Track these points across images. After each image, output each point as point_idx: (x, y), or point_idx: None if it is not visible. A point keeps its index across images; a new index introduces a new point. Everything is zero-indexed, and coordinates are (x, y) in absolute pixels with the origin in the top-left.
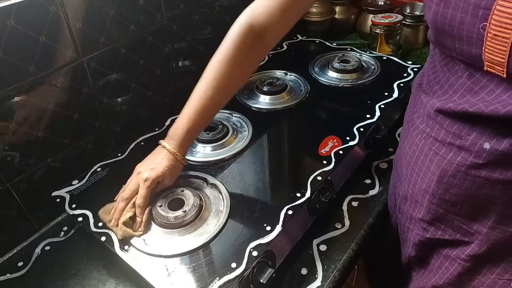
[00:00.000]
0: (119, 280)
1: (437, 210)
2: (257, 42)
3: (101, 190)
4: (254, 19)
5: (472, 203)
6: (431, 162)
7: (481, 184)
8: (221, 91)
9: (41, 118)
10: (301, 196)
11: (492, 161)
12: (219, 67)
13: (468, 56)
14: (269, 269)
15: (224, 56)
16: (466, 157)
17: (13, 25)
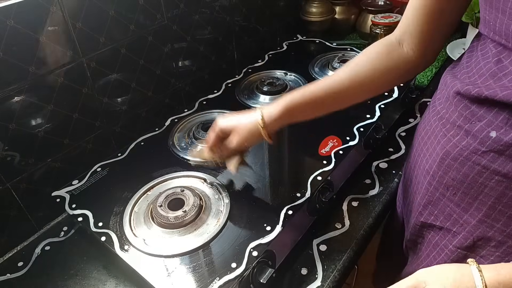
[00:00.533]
0: (119, 280)
1: (434, 193)
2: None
3: (101, 190)
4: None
5: (467, 191)
6: (438, 143)
7: (479, 172)
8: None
9: (41, 118)
10: (301, 196)
11: (495, 150)
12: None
13: (505, 33)
14: (269, 269)
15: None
16: (471, 142)
17: (13, 25)
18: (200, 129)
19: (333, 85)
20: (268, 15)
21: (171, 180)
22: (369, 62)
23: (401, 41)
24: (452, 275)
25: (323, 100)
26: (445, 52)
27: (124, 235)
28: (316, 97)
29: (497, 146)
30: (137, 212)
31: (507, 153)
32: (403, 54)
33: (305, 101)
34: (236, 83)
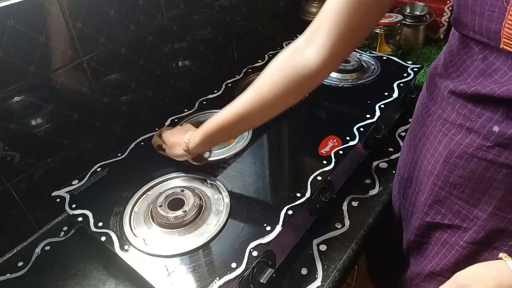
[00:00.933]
0: (119, 280)
1: (440, 192)
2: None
3: (101, 190)
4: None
5: (475, 187)
6: (440, 143)
7: (486, 167)
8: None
9: (41, 118)
10: (301, 196)
11: (500, 144)
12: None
13: (486, 33)
14: (269, 269)
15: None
16: (475, 138)
17: (13, 25)
18: None
19: (240, 110)
20: (268, 15)
21: (171, 180)
22: (269, 78)
23: (311, 40)
24: (492, 274)
25: (234, 124)
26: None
27: (124, 235)
28: (228, 123)
29: (501, 140)
30: (137, 212)
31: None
32: (306, 61)
33: (218, 128)
34: (236, 83)
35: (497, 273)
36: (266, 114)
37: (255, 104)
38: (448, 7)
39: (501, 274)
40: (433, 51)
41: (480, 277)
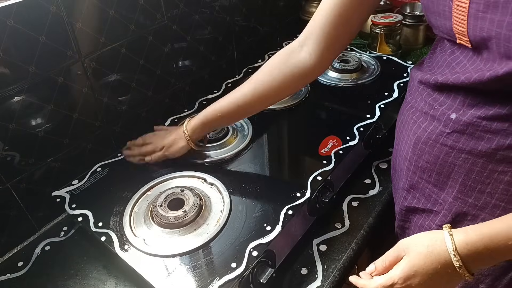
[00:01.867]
0: (119, 280)
1: (413, 177)
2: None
3: (101, 190)
4: None
5: (440, 171)
6: (410, 130)
7: (447, 152)
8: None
9: (41, 118)
10: (301, 196)
11: (457, 130)
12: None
13: (446, 31)
14: (269, 269)
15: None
16: (437, 125)
17: (13, 25)
18: None
19: (239, 99)
20: (268, 15)
21: (171, 180)
22: (268, 73)
23: (304, 44)
24: (427, 241)
25: (232, 112)
26: None
27: (124, 235)
28: (226, 110)
29: (458, 127)
30: (137, 212)
31: (468, 132)
32: (301, 58)
33: (216, 115)
34: (236, 83)
35: (432, 241)
36: (262, 105)
37: (254, 96)
38: None
39: (435, 241)
40: None
41: (416, 243)
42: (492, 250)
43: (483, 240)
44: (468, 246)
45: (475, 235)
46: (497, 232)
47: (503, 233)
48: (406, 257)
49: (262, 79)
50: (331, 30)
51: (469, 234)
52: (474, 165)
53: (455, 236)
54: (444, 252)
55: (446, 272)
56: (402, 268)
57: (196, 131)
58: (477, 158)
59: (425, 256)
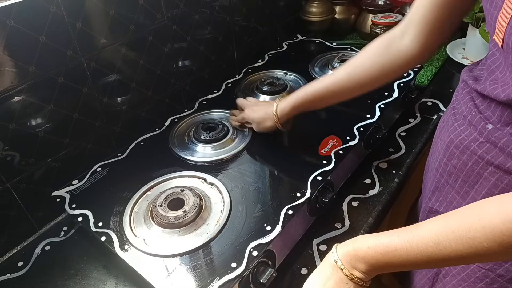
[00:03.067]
0: (119, 280)
1: (440, 179)
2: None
3: (101, 190)
4: None
5: (466, 179)
6: (446, 131)
7: (476, 161)
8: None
9: (41, 118)
10: (301, 196)
11: (490, 141)
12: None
13: (490, 21)
14: (269, 269)
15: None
16: (472, 131)
17: (13, 25)
18: (200, 129)
19: (333, 84)
20: (268, 15)
21: (171, 180)
22: (366, 59)
23: (405, 32)
24: (319, 269)
25: (324, 97)
26: (445, 52)
27: (124, 235)
28: (318, 94)
29: (492, 138)
30: (137, 212)
31: (500, 146)
32: (402, 46)
33: (308, 99)
34: (236, 83)
35: (323, 265)
36: (356, 92)
37: (349, 83)
38: None
39: (324, 265)
40: None
41: (314, 273)
42: (358, 252)
43: (352, 242)
44: (344, 251)
45: (350, 241)
46: (366, 239)
47: (369, 240)
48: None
49: (359, 65)
50: (435, 16)
51: (348, 245)
52: (500, 181)
53: (338, 249)
54: (329, 257)
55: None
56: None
57: (286, 113)
58: (505, 174)
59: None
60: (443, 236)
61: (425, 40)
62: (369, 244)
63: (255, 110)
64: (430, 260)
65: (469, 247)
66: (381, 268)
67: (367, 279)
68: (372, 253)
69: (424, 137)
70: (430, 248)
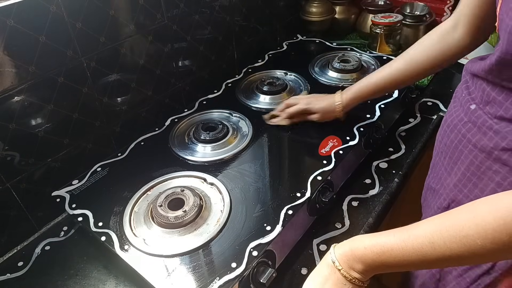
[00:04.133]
0: (119, 280)
1: (435, 157)
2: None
3: (101, 190)
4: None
5: (452, 156)
6: (446, 114)
7: (460, 139)
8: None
9: (41, 118)
10: (301, 196)
11: (471, 121)
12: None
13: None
14: (269, 269)
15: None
16: (460, 113)
17: (13, 25)
18: (200, 129)
19: (392, 75)
20: (268, 15)
21: (171, 180)
22: (422, 51)
23: (456, 24)
24: (319, 267)
25: (383, 87)
26: None
27: (124, 235)
28: (379, 85)
29: (473, 118)
30: (137, 212)
31: (478, 125)
32: (456, 36)
33: (370, 90)
34: (236, 83)
35: (320, 266)
36: (411, 81)
37: (406, 72)
38: (448, 7)
39: (322, 265)
40: None
41: (312, 274)
42: (355, 252)
43: (349, 244)
44: (342, 252)
45: (347, 242)
46: (363, 239)
47: (365, 240)
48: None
49: (416, 57)
50: (484, 10)
51: (345, 245)
52: (475, 158)
53: (336, 250)
54: (327, 258)
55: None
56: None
57: (349, 104)
58: (479, 153)
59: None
60: (437, 235)
61: (475, 32)
62: (366, 244)
63: (320, 100)
64: (426, 260)
65: (463, 245)
66: (378, 268)
67: (365, 279)
68: (369, 253)
69: (424, 137)
70: (425, 247)
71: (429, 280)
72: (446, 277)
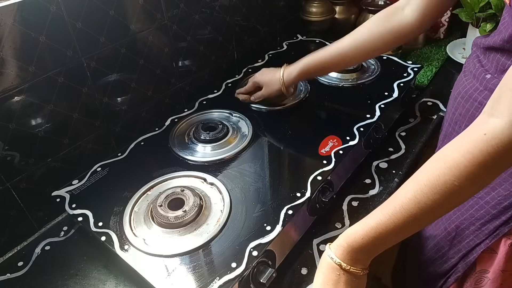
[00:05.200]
0: (119, 280)
1: (448, 129)
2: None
3: (101, 190)
4: None
5: (468, 124)
6: (457, 87)
7: (476, 107)
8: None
9: (41, 118)
10: (301, 196)
11: (488, 88)
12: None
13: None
14: (269, 269)
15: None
16: (474, 83)
17: (13, 25)
18: (200, 129)
19: (337, 52)
20: (268, 15)
21: (171, 180)
22: (369, 29)
23: (406, 4)
24: (324, 277)
25: (329, 64)
26: (445, 52)
27: (124, 234)
28: (324, 62)
29: (489, 86)
30: (137, 212)
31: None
32: (403, 18)
33: (315, 66)
34: (236, 83)
35: (326, 272)
36: (358, 60)
37: (353, 50)
38: None
39: (326, 271)
40: (433, 51)
41: (319, 281)
42: (354, 246)
43: (345, 240)
44: (339, 246)
45: (342, 238)
46: (355, 230)
47: (360, 231)
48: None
49: (363, 34)
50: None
51: (341, 240)
52: None
53: (332, 245)
54: (327, 260)
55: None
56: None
57: (292, 78)
58: None
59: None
60: (419, 193)
61: (424, 13)
62: (361, 234)
63: (264, 73)
64: (417, 221)
65: (444, 192)
66: (379, 249)
67: (368, 263)
68: (367, 241)
69: (424, 137)
70: (413, 210)
71: (444, 238)
72: (462, 233)
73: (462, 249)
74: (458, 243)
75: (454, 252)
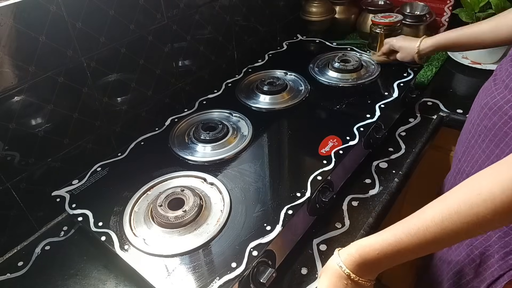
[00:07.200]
0: (119, 279)
1: (470, 140)
2: None
3: (101, 190)
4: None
5: (493, 138)
6: (485, 95)
7: (505, 121)
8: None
9: (41, 118)
10: (301, 196)
11: None
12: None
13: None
14: (269, 269)
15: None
16: (506, 94)
17: (13, 25)
18: (200, 129)
19: (476, 34)
20: (268, 15)
21: (171, 180)
22: (510, 18)
23: None
24: (327, 265)
25: (465, 44)
26: (446, 52)
27: (124, 234)
28: (461, 41)
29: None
30: (137, 212)
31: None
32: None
33: (451, 43)
34: (236, 83)
35: (333, 280)
36: (493, 45)
37: (491, 35)
38: (448, 7)
39: (334, 279)
40: None
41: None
42: (366, 259)
43: (358, 251)
44: (350, 256)
45: (354, 249)
46: (370, 243)
47: (375, 245)
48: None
49: (505, 23)
50: None
51: (352, 247)
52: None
53: (341, 253)
54: (335, 267)
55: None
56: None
57: (427, 51)
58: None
59: (323, 272)
60: (447, 219)
61: None
62: (376, 248)
63: (401, 40)
64: (439, 244)
65: (474, 223)
66: (392, 264)
67: (376, 275)
68: (382, 257)
69: (424, 137)
70: (438, 234)
71: (468, 265)
72: (487, 261)
73: (487, 278)
74: (484, 271)
75: (480, 280)
